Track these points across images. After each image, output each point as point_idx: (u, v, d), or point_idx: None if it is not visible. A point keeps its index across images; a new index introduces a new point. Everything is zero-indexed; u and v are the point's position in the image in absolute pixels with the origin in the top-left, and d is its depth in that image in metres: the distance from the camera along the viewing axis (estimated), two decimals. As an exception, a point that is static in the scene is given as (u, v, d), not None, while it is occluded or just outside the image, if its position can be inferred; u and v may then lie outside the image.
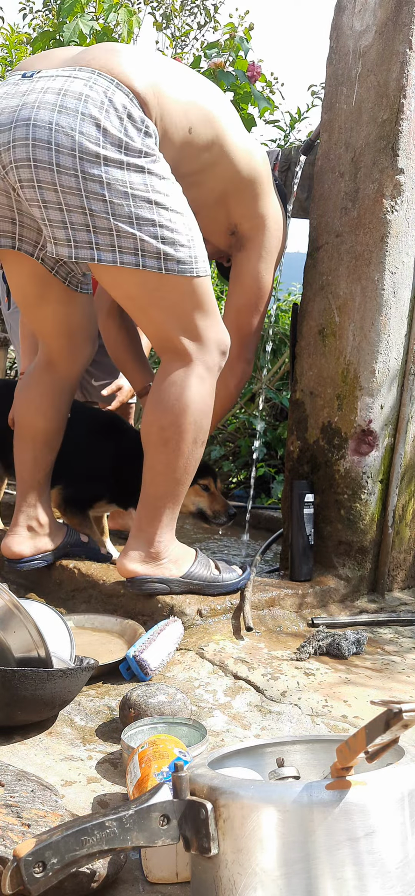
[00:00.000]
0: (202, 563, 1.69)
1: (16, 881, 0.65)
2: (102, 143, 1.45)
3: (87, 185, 1.46)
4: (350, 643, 1.59)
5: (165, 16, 3.83)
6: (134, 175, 1.48)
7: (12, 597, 1.15)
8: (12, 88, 1.53)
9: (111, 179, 1.46)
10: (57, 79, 1.49)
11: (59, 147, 1.45)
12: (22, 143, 1.46)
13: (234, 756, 0.87)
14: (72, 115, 1.45)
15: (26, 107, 1.48)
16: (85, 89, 1.46)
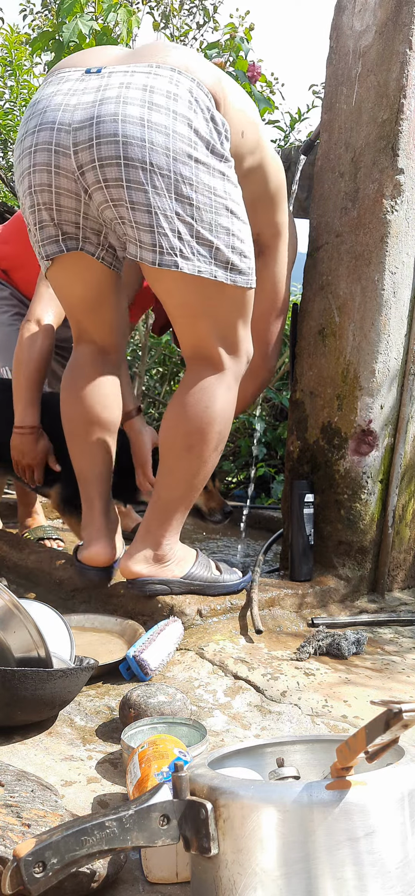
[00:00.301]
0: (203, 563, 1.69)
1: (16, 881, 0.65)
2: (194, 144, 1.42)
3: (179, 188, 1.42)
4: (350, 643, 1.59)
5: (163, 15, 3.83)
6: (217, 180, 1.46)
7: (12, 597, 1.15)
8: (78, 84, 1.46)
9: (199, 183, 1.43)
10: (135, 74, 1.43)
11: (153, 145, 1.39)
12: (109, 139, 1.39)
13: (234, 756, 0.87)
14: (164, 113, 1.40)
15: (108, 102, 1.40)
16: (172, 87, 1.42)
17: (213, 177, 1.45)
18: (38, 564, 1.97)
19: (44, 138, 1.47)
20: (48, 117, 1.46)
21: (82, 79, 1.47)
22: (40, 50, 2.95)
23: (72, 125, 1.43)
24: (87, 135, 1.41)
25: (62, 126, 1.44)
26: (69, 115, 1.44)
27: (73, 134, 1.43)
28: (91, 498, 1.76)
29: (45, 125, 1.46)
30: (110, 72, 1.46)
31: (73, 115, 1.43)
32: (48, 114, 1.47)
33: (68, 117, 1.44)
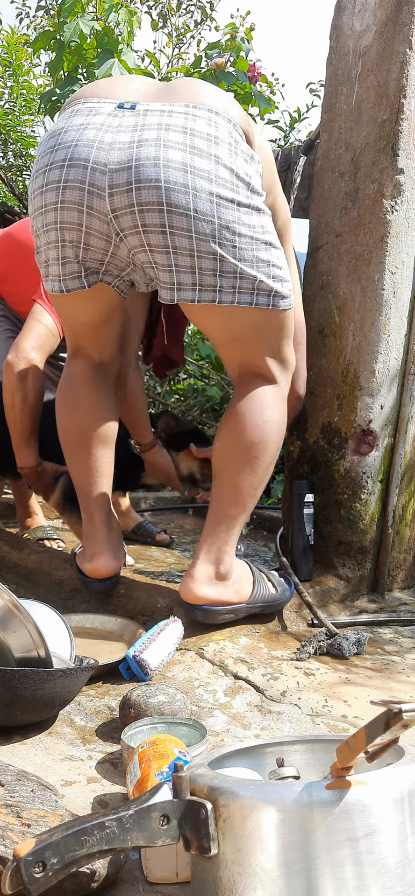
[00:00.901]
0: (260, 581, 1.65)
1: (16, 881, 0.65)
2: (235, 187, 1.41)
3: (222, 232, 1.40)
4: (351, 643, 1.59)
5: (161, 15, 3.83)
6: (255, 217, 1.46)
7: (12, 597, 1.15)
8: (112, 120, 1.41)
9: (241, 224, 1.43)
10: (173, 115, 1.40)
11: (196, 191, 1.37)
12: (150, 185, 1.36)
13: (234, 756, 0.87)
14: (206, 157, 1.37)
15: (147, 144, 1.36)
16: (211, 129, 1.40)
17: (252, 215, 1.46)
18: (38, 564, 1.97)
19: (76, 175, 1.41)
20: (80, 153, 1.40)
21: (115, 114, 1.41)
22: (41, 50, 2.95)
23: (108, 166, 1.38)
24: (126, 178, 1.37)
25: (97, 165, 1.39)
26: (104, 155, 1.38)
27: (109, 175, 1.38)
28: (91, 510, 1.73)
29: (76, 161, 1.40)
30: (146, 109, 1.41)
31: (109, 155, 1.38)
32: (80, 148, 1.41)
33: (103, 156, 1.38)
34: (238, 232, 1.42)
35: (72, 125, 1.44)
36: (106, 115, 1.41)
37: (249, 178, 1.45)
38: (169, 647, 1.45)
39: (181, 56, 3.81)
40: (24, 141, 4.37)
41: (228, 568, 1.59)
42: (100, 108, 1.44)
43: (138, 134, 1.37)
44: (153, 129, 1.37)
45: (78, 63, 2.91)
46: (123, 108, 1.41)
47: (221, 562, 1.57)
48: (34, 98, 4.36)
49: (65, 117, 1.48)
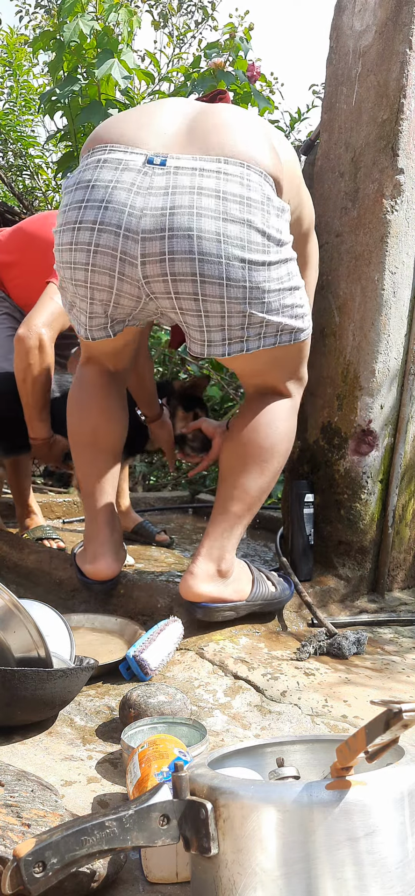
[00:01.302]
0: (259, 580, 1.66)
1: (16, 881, 0.65)
2: (266, 249, 1.42)
3: (252, 293, 1.42)
4: (351, 643, 1.59)
5: (162, 15, 3.83)
6: (283, 268, 1.47)
7: (12, 597, 1.15)
8: (142, 179, 1.38)
9: (270, 281, 1.44)
10: (205, 175, 1.38)
11: (229, 260, 1.37)
12: (184, 256, 1.36)
13: (234, 756, 0.87)
14: (239, 224, 1.37)
15: (180, 212, 1.35)
16: (244, 190, 1.39)
17: (280, 268, 1.47)
18: (38, 564, 1.97)
19: (107, 242, 1.40)
20: (112, 218, 1.39)
21: (145, 171, 1.38)
22: (40, 50, 2.95)
23: (140, 234, 1.37)
24: (159, 248, 1.37)
25: (129, 233, 1.38)
26: (136, 222, 1.37)
27: (142, 244, 1.38)
28: (95, 511, 1.74)
29: (107, 226, 1.39)
30: (176, 167, 1.38)
31: (141, 223, 1.37)
32: (110, 213, 1.39)
33: (135, 223, 1.37)
34: (267, 289, 1.45)
35: (100, 180, 1.41)
36: (135, 173, 1.38)
37: (280, 234, 1.46)
38: (169, 647, 1.45)
39: (181, 56, 3.81)
40: (24, 141, 4.36)
41: (230, 566, 1.59)
42: (128, 161, 1.40)
43: (171, 199, 1.35)
44: (186, 193, 1.35)
45: (78, 63, 2.91)
46: (152, 165, 1.38)
47: (222, 559, 1.58)
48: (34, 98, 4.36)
49: (91, 167, 1.44)
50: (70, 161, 3.23)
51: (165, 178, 1.36)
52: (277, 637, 1.65)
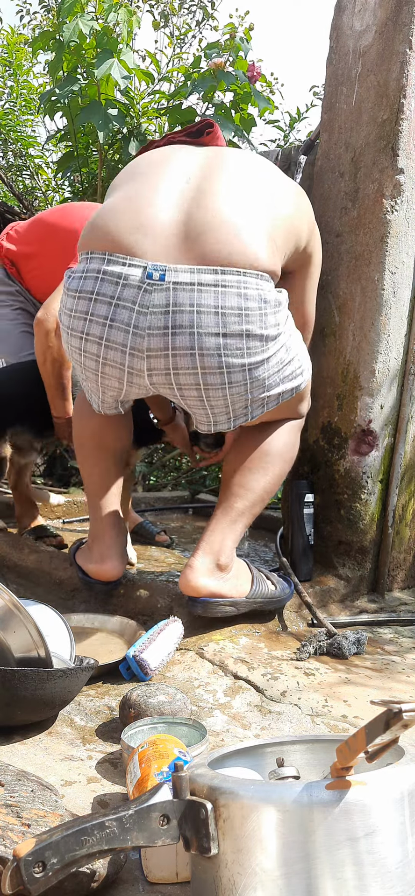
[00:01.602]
0: (259, 579, 1.67)
1: (16, 881, 0.65)
2: (265, 348, 1.46)
3: (253, 384, 1.49)
4: (351, 643, 1.59)
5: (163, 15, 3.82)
6: (280, 352, 1.52)
7: (12, 597, 1.15)
8: (144, 297, 1.41)
9: (269, 369, 1.50)
10: (203, 291, 1.40)
11: (230, 369, 1.44)
12: (188, 371, 1.44)
13: (234, 756, 0.87)
14: (238, 337, 1.42)
15: (182, 332, 1.40)
16: (241, 301, 1.41)
17: (278, 353, 1.51)
18: (38, 564, 1.97)
19: (114, 357, 1.46)
20: (116, 336, 1.44)
21: (145, 288, 1.40)
22: (40, 50, 2.95)
23: (144, 351, 1.43)
24: (164, 364, 1.43)
25: (135, 351, 1.43)
26: (141, 341, 1.42)
27: (147, 361, 1.44)
28: (100, 512, 1.76)
29: (113, 343, 1.44)
30: (175, 284, 1.40)
31: (145, 342, 1.42)
32: (115, 331, 1.44)
33: (140, 342, 1.42)
34: (267, 377, 1.51)
35: (102, 294, 1.43)
36: (136, 290, 1.40)
37: (278, 328, 1.49)
38: (169, 647, 1.45)
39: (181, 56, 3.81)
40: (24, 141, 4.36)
41: (229, 561, 1.60)
42: (128, 275, 1.41)
43: (172, 318, 1.39)
44: (186, 312, 1.38)
45: (77, 63, 2.91)
46: (151, 280, 1.39)
47: (221, 553, 1.59)
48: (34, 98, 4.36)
49: (91, 277, 1.46)
50: (70, 161, 3.23)
51: (165, 294, 1.39)
52: (277, 637, 1.65)
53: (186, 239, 1.43)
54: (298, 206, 1.68)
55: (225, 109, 3.02)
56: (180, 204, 1.47)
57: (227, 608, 1.60)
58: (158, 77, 3.29)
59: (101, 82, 2.78)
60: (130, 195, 1.51)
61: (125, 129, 2.91)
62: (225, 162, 1.59)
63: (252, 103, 3.01)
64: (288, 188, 1.68)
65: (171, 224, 1.44)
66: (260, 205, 1.54)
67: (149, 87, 3.21)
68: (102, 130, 2.74)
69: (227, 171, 1.56)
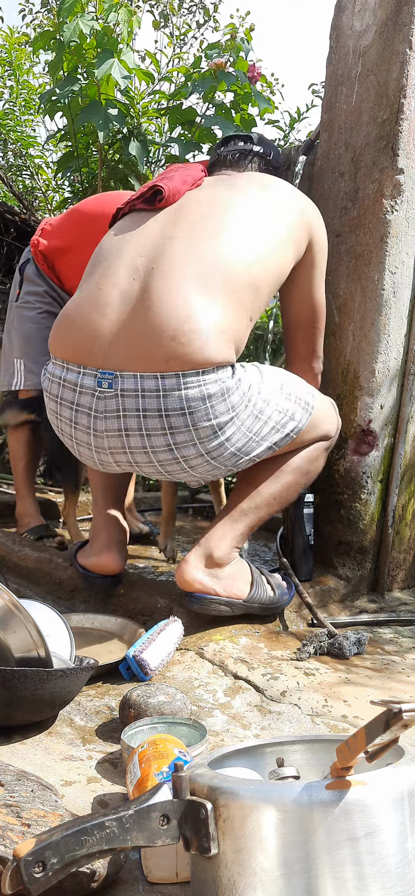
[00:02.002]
0: (259, 583, 1.67)
1: (16, 881, 0.65)
2: (219, 434, 1.47)
3: (222, 460, 1.52)
4: (351, 643, 1.59)
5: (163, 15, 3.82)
6: (248, 421, 1.52)
7: (12, 597, 1.15)
8: (98, 404, 1.48)
9: (237, 441, 1.51)
10: (146, 397, 1.44)
11: (186, 458, 1.49)
12: (148, 466, 1.52)
13: (234, 756, 0.87)
14: (184, 433, 1.46)
15: (133, 433, 1.47)
16: (183, 402, 1.43)
17: (241, 427, 1.51)
18: (38, 564, 1.97)
19: (85, 452, 1.57)
20: (81, 437, 1.55)
21: (98, 395, 1.48)
22: (40, 50, 2.95)
23: (107, 450, 1.52)
24: (125, 459, 1.53)
25: (100, 449, 1.54)
26: (102, 441, 1.51)
27: (112, 455, 1.53)
28: (102, 505, 1.78)
29: (80, 441, 1.56)
30: (122, 391, 1.46)
31: (105, 442, 1.51)
32: (80, 432, 1.54)
33: (100, 442, 1.52)
34: (238, 448, 1.52)
35: (65, 399, 1.55)
36: (91, 397, 1.49)
37: (231, 412, 1.47)
38: (169, 647, 1.45)
39: (181, 56, 3.81)
40: (24, 141, 4.36)
41: (224, 557, 1.61)
42: (83, 384, 1.51)
43: (124, 422, 1.47)
44: (133, 416, 1.46)
45: (78, 63, 2.91)
46: (101, 388, 1.48)
47: (216, 548, 1.60)
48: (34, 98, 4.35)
49: (56, 381, 1.57)
50: (70, 161, 3.22)
51: (115, 401, 1.47)
52: (277, 637, 1.65)
53: (131, 345, 1.47)
54: (287, 226, 1.63)
55: (225, 110, 3.02)
56: (126, 308, 1.50)
57: (221, 607, 1.61)
58: (159, 77, 3.28)
59: (102, 82, 2.78)
60: (85, 299, 1.57)
61: (125, 128, 2.91)
62: (177, 236, 1.54)
63: (252, 104, 3.01)
64: (274, 213, 1.63)
65: (119, 331, 1.49)
66: (216, 276, 1.48)
67: (149, 87, 3.21)
68: (102, 130, 2.74)
69: (177, 251, 1.51)
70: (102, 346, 1.49)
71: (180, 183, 1.65)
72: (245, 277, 1.51)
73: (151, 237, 1.56)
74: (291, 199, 1.69)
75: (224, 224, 1.56)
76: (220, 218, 1.57)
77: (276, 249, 1.59)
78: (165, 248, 1.52)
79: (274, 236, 1.60)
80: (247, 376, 1.51)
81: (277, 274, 1.60)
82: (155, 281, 1.48)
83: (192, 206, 1.60)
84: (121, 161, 3.10)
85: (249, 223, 1.58)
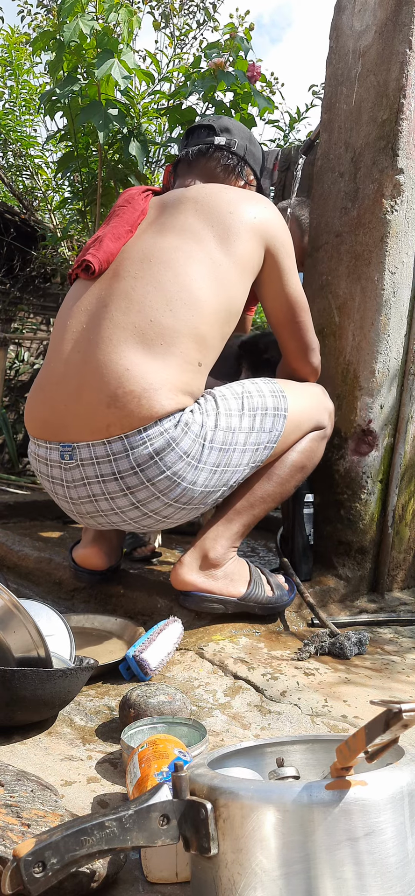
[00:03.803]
0: (258, 582, 1.67)
1: (15, 881, 0.64)
2: (179, 481, 1.47)
3: (193, 500, 1.52)
4: (352, 643, 1.59)
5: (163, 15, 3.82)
6: (211, 459, 1.51)
7: (12, 597, 1.15)
8: (66, 475, 1.53)
9: (205, 479, 1.51)
10: (101, 463, 1.47)
11: (155, 512, 1.51)
12: (123, 522, 1.55)
13: (234, 756, 0.87)
14: (143, 489, 1.47)
15: (100, 498, 1.50)
16: (132, 462, 1.44)
17: (204, 468, 1.51)
18: (38, 564, 1.97)
19: (67, 509, 1.60)
20: (63, 505, 1.60)
21: (64, 467, 1.53)
22: (40, 50, 2.94)
23: (86, 515, 1.56)
24: (105, 520, 1.56)
25: (80, 515, 1.58)
26: (77, 507, 1.56)
27: (92, 519, 1.57)
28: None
29: (66, 508, 1.61)
30: (81, 461, 1.49)
31: (82, 507, 1.55)
32: (60, 500, 1.59)
33: (78, 507, 1.56)
34: (207, 487, 1.53)
35: (40, 472, 1.61)
36: (59, 469, 1.54)
37: (185, 458, 1.47)
38: (169, 647, 1.45)
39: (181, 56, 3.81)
40: (24, 141, 4.36)
41: (219, 558, 1.61)
42: (50, 458, 1.56)
43: (89, 488, 1.51)
44: (95, 483, 1.50)
45: (78, 63, 2.91)
46: (64, 460, 1.52)
47: (211, 549, 1.61)
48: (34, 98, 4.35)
49: (33, 456, 1.63)
50: (70, 161, 3.23)
51: (78, 470, 1.51)
52: (277, 637, 1.65)
53: (80, 416, 1.49)
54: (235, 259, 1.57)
55: (225, 109, 3.02)
56: (73, 381, 1.52)
57: (215, 605, 1.61)
58: (159, 77, 3.28)
59: (102, 82, 2.78)
60: (45, 374, 1.60)
61: (125, 129, 2.91)
62: (112, 303, 1.52)
63: (252, 103, 3.01)
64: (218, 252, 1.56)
65: (71, 403, 1.51)
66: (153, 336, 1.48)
67: (149, 87, 3.21)
68: (102, 130, 2.74)
69: (112, 319, 1.50)
70: (60, 420, 1.52)
71: (112, 241, 1.60)
72: (185, 332, 1.48)
73: (89, 306, 1.56)
74: (240, 215, 1.59)
75: (159, 284, 1.51)
76: (154, 277, 1.52)
77: (220, 295, 1.54)
78: (100, 316, 1.52)
79: (218, 281, 1.54)
80: (197, 416, 1.49)
81: (225, 316, 1.56)
82: (93, 350, 1.49)
83: (126, 267, 1.56)
84: (121, 161, 3.10)
85: (186, 277, 1.52)
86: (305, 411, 1.70)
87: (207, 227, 1.57)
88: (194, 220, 1.58)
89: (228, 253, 1.56)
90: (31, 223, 4.39)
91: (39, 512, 2.57)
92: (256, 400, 1.59)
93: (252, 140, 1.82)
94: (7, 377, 4.39)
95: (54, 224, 4.32)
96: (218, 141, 1.76)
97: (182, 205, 1.62)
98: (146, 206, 1.68)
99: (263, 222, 1.62)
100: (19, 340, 4.52)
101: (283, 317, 1.73)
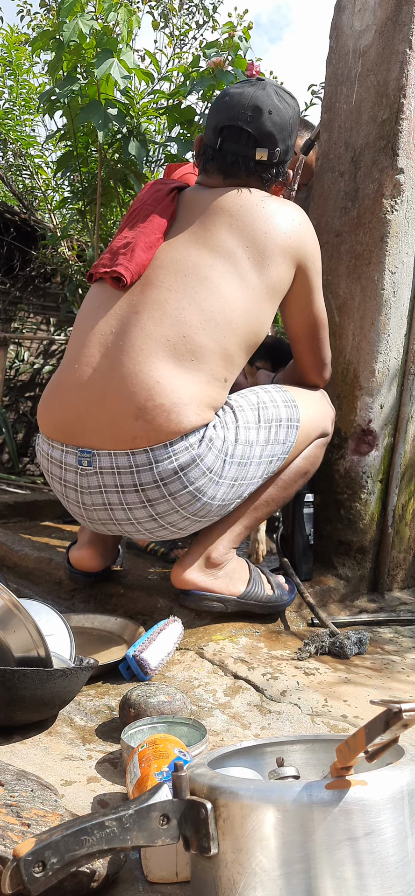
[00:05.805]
0: (257, 581, 1.68)
1: (15, 881, 0.64)
2: (199, 496, 1.48)
3: (209, 512, 1.53)
4: (353, 643, 1.59)
5: (163, 15, 3.82)
6: (230, 473, 1.52)
7: (12, 596, 1.15)
8: (81, 480, 1.51)
9: (223, 493, 1.52)
10: (121, 473, 1.46)
11: (172, 524, 1.52)
12: (137, 531, 1.55)
13: (234, 756, 0.87)
14: (163, 503, 1.48)
15: (117, 507, 1.50)
16: (155, 475, 1.45)
17: (223, 482, 1.52)
18: (38, 564, 1.97)
19: (77, 513, 1.59)
20: (74, 510, 1.59)
21: (80, 472, 1.51)
22: (40, 49, 2.94)
23: (98, 521, 1.56)
24: (117, 529, 1.56)
25: (91, 521, 1.58)
26: (90, 513, 1.55)
27: (104, 526, 1.57)
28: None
29: (75, 513, 1.60)
30: (100, 469, 1.48)
31: (94, 514, 1.54)
32: (71, 504, 1.58)
33: (90, 514, 1.55)
34: (224, 499, 1.54)
35: (53, 474, 1.59)
36: (74, 474, 1.53)
37: (207, 474, 1.47)
38: (169, 647, 1.45)
39: (180, 56, 3.81)
40: (24, 141, 4.36)
41: (220, 558, 1.61)
42: (66, 462, 1.54)
43: (106, 497, 1.51)
44: (113, 491, 1.49)
45: (77, 62, 2.91)
46: (82, 466, 1.51)
47: (213, 549, 1.61)
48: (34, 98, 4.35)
49: (45, 456, 1.60)
50: (69, 160, 3.22)
51: (96, 477, 1.50)
52: (277, 637, 1.65)
53: (103, 424, 1.48)
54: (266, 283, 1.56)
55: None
56: (98, 387, 1.50)
57: (214, 603, 1.62)
58: (158, 77, 3.28)
59: (101, 82, 2.78)
60: (65, 377, 1.57)
61: (125, 128, 2.91)
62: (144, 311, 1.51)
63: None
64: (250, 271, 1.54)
65: (93, 410, 1.50)
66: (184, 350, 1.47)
67: (149, 86, 3.21)
68: (102, 130, 2.74)
69: (144, 327, 1.49)
70: (80, 425, 1.51)
71: (144, 250, 1.56)
72: (216, 350, 1.49)
73: (120, 311, 1.54)
74: (273, 236, 1.56)
75: (194, 301, 1.50)
76: (189, 293, 1.51)
77: (250, 318, 1.53)
78: (132, 324, 1.50)
79: (250, 304, 1.53)
80: (219, 431, 1.49)
81: (254, 338, 1.56)
82: (123, 358, 1.48)
83: (159, 276, 1.54)
84: (120, 160, 3.10)
85: (219, 297, 1.51)
86: (314, 420, 1.71)
87: (241, 247, 1.54)
88: (228, 237, 1.55)
89: (262, 276, 1.55)
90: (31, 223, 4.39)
91: (39, 512, 2.57)
92: (270, 411, 1.60)
93: (293, 131, 1.67)
94: (7, 377, 4.39)
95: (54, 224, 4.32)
96: (259, 156, 1.61)
97: (216, 216, 1.57)
98: (175, 207, 1.63)
99: (296, 240, 1.60)
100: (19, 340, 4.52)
101: (302, 333, 1.73)
